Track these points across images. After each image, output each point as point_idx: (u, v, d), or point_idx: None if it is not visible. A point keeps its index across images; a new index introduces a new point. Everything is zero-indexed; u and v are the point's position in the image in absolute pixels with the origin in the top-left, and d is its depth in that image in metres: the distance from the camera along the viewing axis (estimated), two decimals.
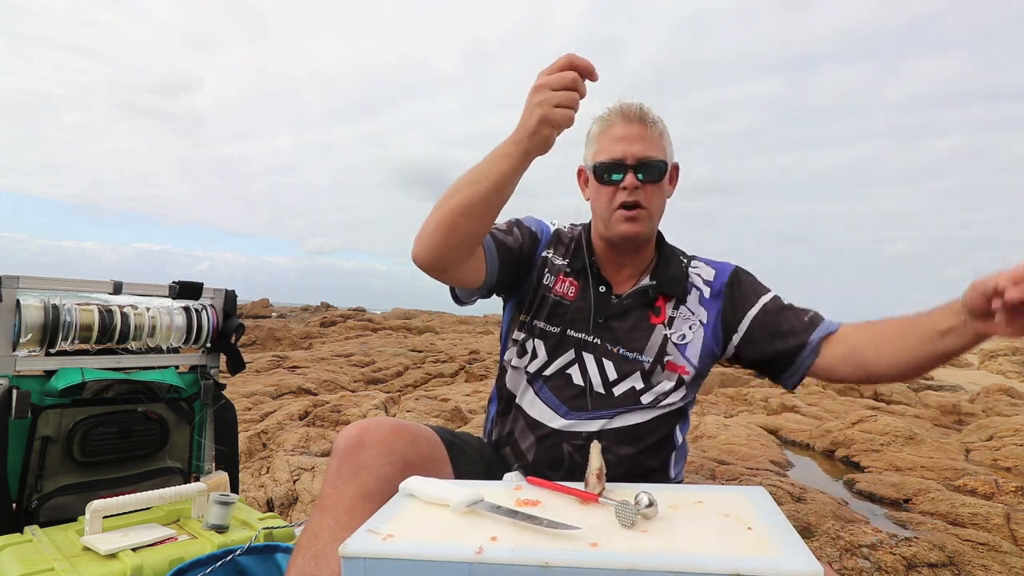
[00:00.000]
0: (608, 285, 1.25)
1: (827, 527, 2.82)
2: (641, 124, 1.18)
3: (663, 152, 1.20)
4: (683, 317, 1.23)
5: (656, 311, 1.23)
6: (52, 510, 1.44)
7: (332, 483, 0.99)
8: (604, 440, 1.17)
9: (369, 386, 7.62)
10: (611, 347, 1.21)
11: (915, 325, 1.04)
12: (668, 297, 1.24)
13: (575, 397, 1.20)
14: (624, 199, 1.17)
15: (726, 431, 4.95)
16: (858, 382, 1.13)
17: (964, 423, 5.97)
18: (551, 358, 1.23)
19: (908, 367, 1.06)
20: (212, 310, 1.77)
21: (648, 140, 1.17)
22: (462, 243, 1.06)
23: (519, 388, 1.27)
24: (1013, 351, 11.54)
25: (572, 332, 1.23)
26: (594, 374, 1.20)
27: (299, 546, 0.96)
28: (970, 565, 2.49)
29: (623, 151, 1.16)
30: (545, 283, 1.27)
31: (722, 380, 8.03)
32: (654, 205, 1.20)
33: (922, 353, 1.03)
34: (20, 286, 1.46)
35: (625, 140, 1.17)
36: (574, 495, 0.90)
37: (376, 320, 17.50)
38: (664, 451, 1.23)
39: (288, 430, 4.45)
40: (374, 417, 1.08)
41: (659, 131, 1.19)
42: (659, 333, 1.21)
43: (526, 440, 1.23)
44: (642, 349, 1.20)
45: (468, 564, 0.69)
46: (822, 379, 1.21)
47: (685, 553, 0.69)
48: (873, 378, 1.12)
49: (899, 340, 1.06)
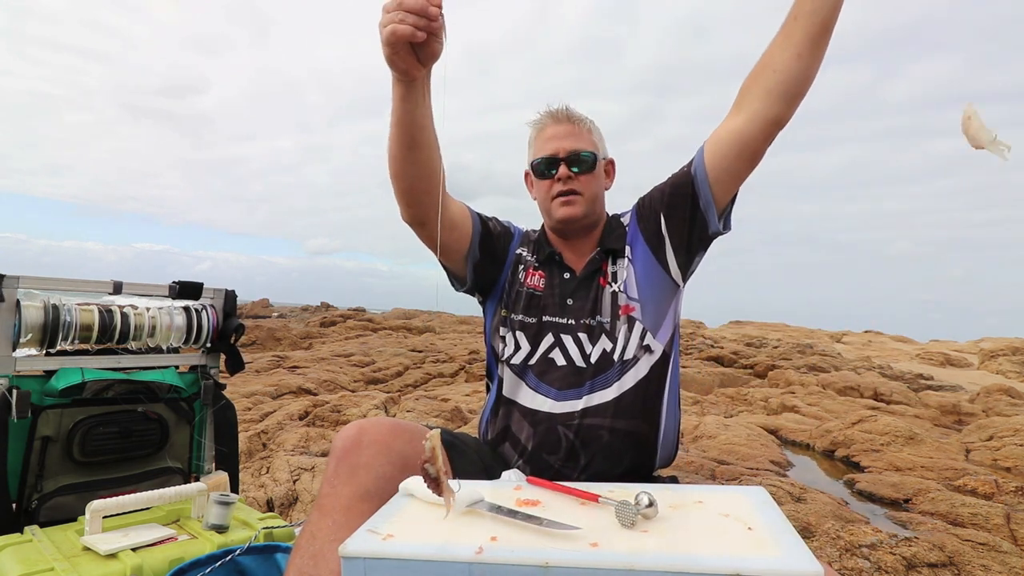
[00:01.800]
0: (571, 270, 1.32)
1: (827, 527, 2.82)
2: (569, 122, 1.31)
3: (593, 146, 1.32)
4: (621, 266, 1.29)
5: (603, 274, 1.30)
6: (52, 510, 1.44)
7: (330, 483, 0.99)
8: (596, 416, 1.20)
9: (369, 386, 7.62)
10: (580, 322, 1.27)
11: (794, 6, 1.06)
12: (608, 258, 1.31)
13: (562, 378, 1.24)
14: (560, 189, 1.28)
15: (726, 431, 4.95)
16: (768, 121, 1.10)
17: (964, 423, 5.97)
18: (533, 347, 1.28)
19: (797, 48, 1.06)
20: (212, 310, 1.77)
21: (577, 136, 1.30)
22: (415, 169, 1.13)
23: (510, 383, 1.30)
24: (1013, 351, 11.54)
25: (547, 318, 1.29)
26: (574, 352, 1.25)
27: (297, 546, 0.96)
28: (970, 565, 2.49)
29: (555, 147, 1.29)
30: (519, 278, 1.35)
31: (722, 380, 8.04)
32: (589, 191, 1.30)
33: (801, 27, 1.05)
34: (20, 286, 1.46)
35: (556, 138, 1.30)
36: (574, 495, 0.90)
37: (376, 320, 17.51)
38: (653, 419, 1.24)
39: (288, 430, 4.45)
40: (372, 417, 1.08)
41: (587, 127, 1.32)
42: (607, 292, 1.27)
43: (523, 431, 1.25)
44: (600, 311, 1.26)
45: (468, 564, 0.69)
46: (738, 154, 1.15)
47: (685, 553, 0.69)
48: (773, 100, 1.09)
49: (773, 45, 1.09)
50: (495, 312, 1.37)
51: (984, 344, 13.97)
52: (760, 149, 1.14)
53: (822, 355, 11.22)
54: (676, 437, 1.31)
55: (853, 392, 7.50)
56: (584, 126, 1.31)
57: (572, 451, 1.20)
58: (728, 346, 12.34)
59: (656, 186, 1.29)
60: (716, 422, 5.28)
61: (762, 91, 1.10)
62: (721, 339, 14.45)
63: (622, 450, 1.20)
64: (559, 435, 1.21)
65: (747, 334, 17.31)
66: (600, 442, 1.19)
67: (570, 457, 1.20)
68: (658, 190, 1.27)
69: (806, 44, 1.05)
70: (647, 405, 1.23)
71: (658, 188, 1.28)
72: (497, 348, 1.34)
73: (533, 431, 1.23)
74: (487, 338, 1.39)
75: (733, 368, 10.15)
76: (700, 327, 19.52)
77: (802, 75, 1.07)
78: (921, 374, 9.65)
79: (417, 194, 1.17)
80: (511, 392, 1.30)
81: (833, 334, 19.18)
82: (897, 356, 13.41)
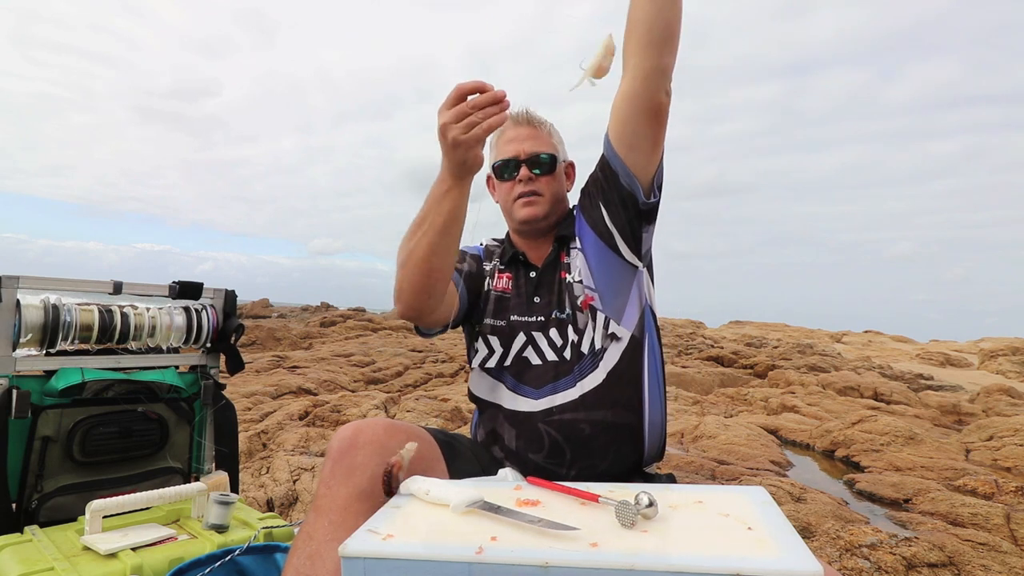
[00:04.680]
0: (536, 268, 1.34)
1: (827, 527, 2.82)
2: (529, 125, 1.32)
3: (552, 148, 1.33)
4: (575, 257, 1.29)
5: (563, 267, 1.30)
6: (52, 510, 1.44)
7: (326, 483, 0.99)
8: (574, 410, 1.20)
9: (369, 386, 7.62)
10: (549, 317, 1.27)
11: None
12: (564, 248, 1.32)
13: (538, 376, 1.25)
14: (521, 190, 1.29)
15: (726, 431, 4.95)
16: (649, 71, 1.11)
17: (964, 423, 5.97)
18: (506, 349, 1.29)
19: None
20: (212, 310, 1.77)
21: (537, 138, 1.31)
22: (436, 283, 1.17)
23: (490, 387, 1.31)
24: (1013, 351, 11.53)
25: (516, 318, 1.30)
26: (546, 348, 1.26)
27: (294, 546, 0.96)
28: (970, 565, 2.49)
29: (515, 150, 1.30)
30: (487, 288, 1.37)
31: (722, 380, 8.04)
32: (550, 192, 1.31)
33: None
34: (20, 286, 1.46)
35: (516, 140, 1.31)
36: (574, 495, 0.90)
37: (376, 320, 17.51)
38: (634, 406, 1.23)
39: (288, 430, 4.45)
40: (368, 418, 1.08)
41: (547, 130, 1.34)
42: (565, 283, 1.28)
43: (508, 432, 1.26)
44: (563, 305, 1.27)
45: (468, 564, 0.69)
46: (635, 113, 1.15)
47: (685, 553, 0.69)
48: (647, 49, 1.10)
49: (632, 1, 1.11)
50: (471, 327, 1.39)
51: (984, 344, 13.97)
52: (655, 101, 1.12)
53: (822, 355, 11.22)
54: (663, 427, 1.29)
55: (853, 392, 7.50)
56: (544, 129, 1.33)
57: (555, 448, 1.20)
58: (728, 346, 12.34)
59: (591, 173, 1.28)
60: (716, 422, 5.28)
61: (635, 46, 1.12)
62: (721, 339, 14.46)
63: (606, 443, 1.20)
64: (541, 433, 1.21)
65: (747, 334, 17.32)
66: (581, 436, 1.19)
67: (554, 454, 1.20)
68: (591, 177, 1.28)
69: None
70: (626, 394, 1.23)
71: (591, 175, 1.28)
72: (475, 355, 1.35)
73: (516, 432, 1.24)
74: (467, 347, 1.41)
75: (733, 368, 10.14)
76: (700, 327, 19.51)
77: (664, 17, 1.09)
78: (921, 374, 9.65)
79: (437, 289, 1.18)
80: (492, 395, 1.30)
81: (833, 334, 19.18)
82: (897, 356, 13.41)
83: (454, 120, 1.01)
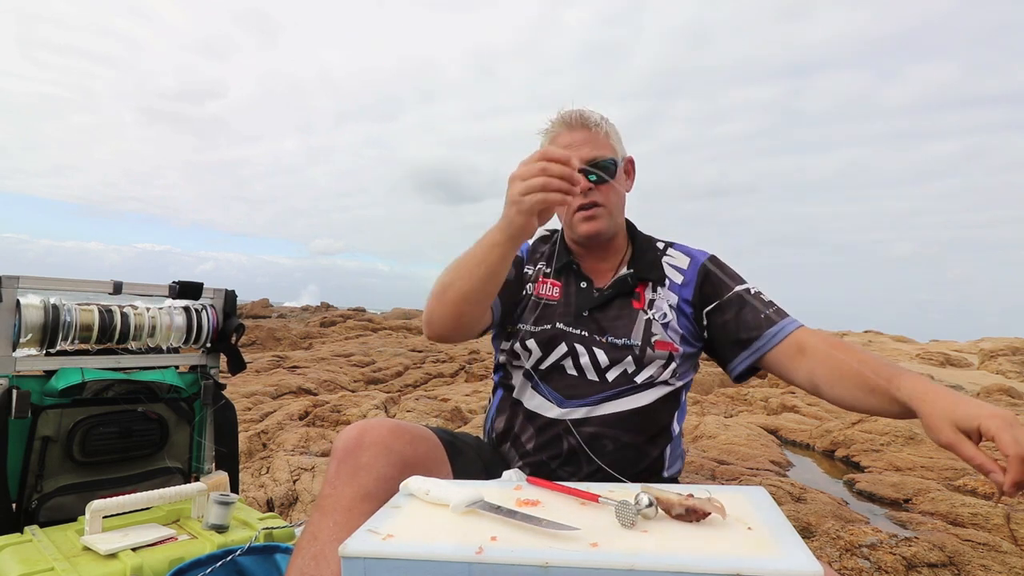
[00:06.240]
0: (589, 280, 1.30)
1: (827, 527, 2.82)
2: (584, 128, 1.24)
3: (611, 150, 1.25)
4: (661, 298, 1.27)
5: (636, 297, 1.27)
6: (52, 510, 1.44)
7: (331, 484, 0.99)
8: (600, 426, 1.19)
9: (369, 386, 7.62)
10: (599, 337, 1.24)
11: (876, 383, 1.04)
12: (646, 282, 1.28)
13: (570, 387, 1.23)
14: (581, 202, 1.23)
15: (726, 431, 4.95)
16: (805, 387, 1.18)
17: None
18: (544, 354, 1.26)
19: (853, 409, 1.11)
20: (212, 310, 1.77)
21: (594, 142, 1.24)
22: (469, 321, 1.17)
23: (517, 384, 1.29)
24: (1013, 351, 11.53)
25: (561, 326, 1.26)
26: (587, 363, 1.23)
27: (298, 547, 0.96)
28: (970, 565, 2.48)
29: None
30: (527, 292, 1.32)
31: (722, 380, 8.03)
32: (611, 202, 1.26)
33: (869, 406, 1.08)
34: (20, 286, 1.46)
35: (571, 147, 1.21)
36: (574, 495, 0.90)
37: (376, 320, 17.50)
38: (661, 440, 1.24)
39: (288, 430, 4.45)
40: (373, 418, 1.08)
41: (604, 131, 1.26)
42: (642, 317, 1.25)
43: (526, 432, 1.25)
44: (629, 334, 1.23)
45: (468, 564, 0.69)
46: (771, 373, 1.24)
47: (685, 553, 0.69)
48: (818, 395, 1.16)
49: (855, 388, 1.08)
50: (503, 328, 1.34)
51: (984, 344, 13.96)
52: (784, 378, 1.21)
53: None
54: (680, 462, 1.30)
55: None
56: (601, 130, 1.25)
57: (572, 456, 1.19)
58: None
59: (736, 292, 1.25)
60: (716, 422, 5.27)
61: (823, 382, 1.13)
62: None
63: (627, 462, 1.19)
64: (561, 440, 1.21)
65: None
66: (603, 450, 1.19)
67: (570, 462, 1.20)
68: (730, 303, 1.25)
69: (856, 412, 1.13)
70: (657, 425, 1.23)
71: (732, 300, 1.25)
72: (505, 354, 1.32)
73: (535, 434, 1.23)
74: (494, 340, 1.38)
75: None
76: None
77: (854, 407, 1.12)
78: (921, 374, 9.64)
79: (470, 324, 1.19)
80: (518, 393, 1.29)
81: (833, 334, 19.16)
82: (897, 356, 13.40)
83: (521, 177, 0.99)
